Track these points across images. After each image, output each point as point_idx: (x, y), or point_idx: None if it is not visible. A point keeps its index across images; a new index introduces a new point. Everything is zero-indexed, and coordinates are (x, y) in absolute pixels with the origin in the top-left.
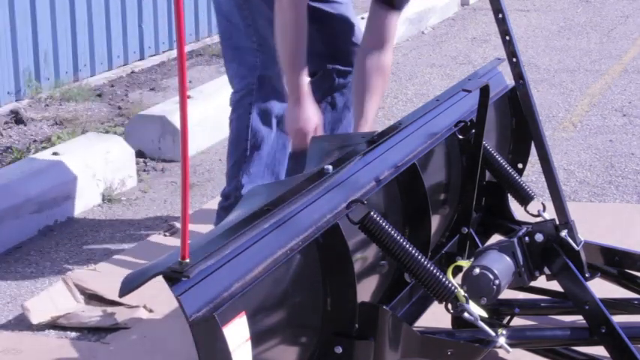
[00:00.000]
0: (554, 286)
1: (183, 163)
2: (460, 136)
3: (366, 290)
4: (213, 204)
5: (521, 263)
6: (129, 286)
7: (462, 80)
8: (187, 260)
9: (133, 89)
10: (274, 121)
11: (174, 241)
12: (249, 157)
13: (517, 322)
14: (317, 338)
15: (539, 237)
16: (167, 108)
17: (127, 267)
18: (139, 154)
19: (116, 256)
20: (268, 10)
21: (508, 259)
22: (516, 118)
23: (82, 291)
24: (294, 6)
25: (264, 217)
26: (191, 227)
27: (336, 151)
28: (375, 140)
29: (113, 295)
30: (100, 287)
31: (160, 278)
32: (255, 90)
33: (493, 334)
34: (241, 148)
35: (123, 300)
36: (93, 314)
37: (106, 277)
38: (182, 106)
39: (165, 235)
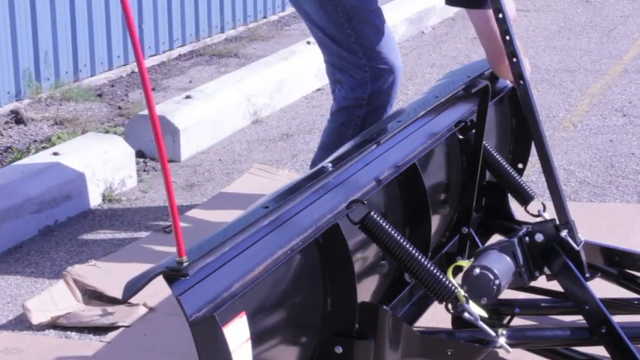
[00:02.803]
0: (554, 286)
1: (162, 161)
2: (460, 136)
3: (366, 290)
4: (212, 207)
5: (522, 263)
6: (131, 289)
7: (458, 70)
8: (184, 258)
9: (133, 89)
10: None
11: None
12: None
13: (517, 322)
14: (317, 338)
15: (539, 237)
16: (167, 108)
17: (127, 264)
18: (139, 154)
19: (116, 253)
20: (374, 23)
21: (508, 259)
22: (516, 118)
23: (82, 288)
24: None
25: (263, 217)
26: (191, 226)
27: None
28: (374, 140)
29: (113, 292)
30: (100, 284)
31: (160, 277)
32: (365, 104)
33: (493, 334)
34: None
35: None
36: (93, 313)
37: (106, 274)
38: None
39: (165, 232)
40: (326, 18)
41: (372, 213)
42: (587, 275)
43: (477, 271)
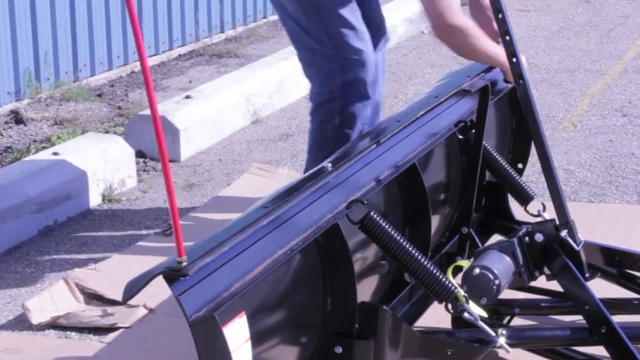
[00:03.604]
0: (554, 286)
1: (163, 161)
2: (460, 136)
3: (366, 290)
4: (212, 208)
5: (521, 263)
6: (131, 290)
7: (458, 71)
8: (184, 258)
9: (133, 89)
10: (359, 125)
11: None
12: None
13: (517, 322)
14: (317, 338)
15: (539, 237)
16: (167, 108)
17: (127, 266)
18: (139, 154)
19: (116, 256)
20: (342, 14)
21: (508, 259)
22: (516, 118)
23: (82, 290)
24: (466, 27)
25: (263, 217)
26: (191, 226)
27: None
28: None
29: (113, 294)
30: (100, 287)
31: (160, 278)
32: (338, 96)
33: (493, 334)
34: (325, 151)
35: None
36: (93, 314)
37: (105, 277)
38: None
39: (165, 234)
40: (300, 9)
41: (372, 213)
42: (587, 275)
43: (477, 271)
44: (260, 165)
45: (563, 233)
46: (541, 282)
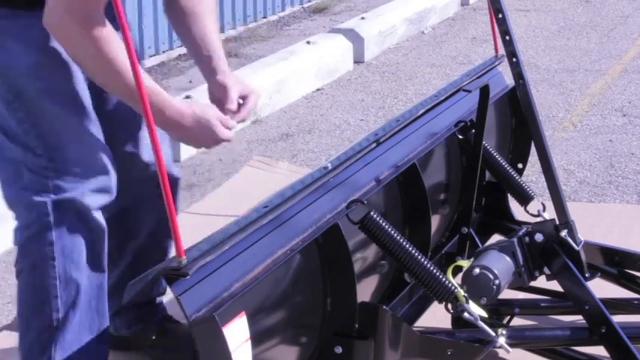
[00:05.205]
0: (554, 286)
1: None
2: (460, 136)
3: (366, 290)
4: (212, 201)
5: (521, 263)
6: (132, 290)
7: (460, 76)
8: (184, 258)
9: None
10: (84, 257)
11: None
12: (62, 321)
13: (517, 322)
14: (317, 338)
15: (539, 237)
16: None
17: None
18: None
19: None
20: (56, 102)
21: (508, 259)
22: (516, 118)
23: None
24: (96, 26)
25: (263, 217)
26: (190, 227)
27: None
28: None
29: None
30: None
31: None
32: (54, 222)
33: (493, 334)
34: (48, 310)
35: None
36: None
37: None
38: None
39: None
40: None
41: (372, 213)
42: (586, 275)
43: (477, 271)
44: (260, 158)
45: (563, 233)
46: (541, 282)
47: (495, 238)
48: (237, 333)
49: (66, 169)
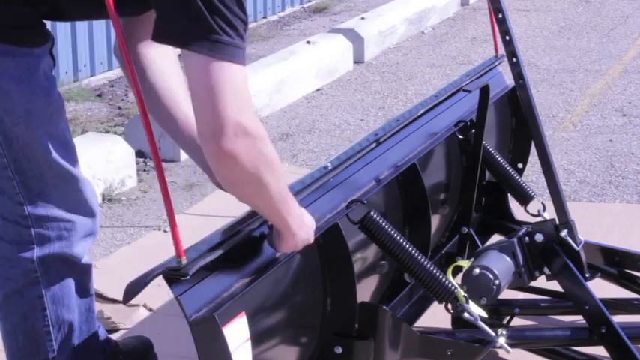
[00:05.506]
0: (554, 286)
1: (156, 161)
2: (460, 136)
3: (366, 290)
4: (212, 202)
5: (521, 263)
6: (132, 290)
7: (460, 76)
8: (183, 258)
9: None
10: (74, 297)
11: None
12: (57, 357)
13: (517, 322)
14: (317, 338)
15: (539, 237)
16: None
17: (127, 266)
18: (139, 154)
19: (116, 254)
20: (46, 149)
21: (508, 259)
22: (516, 118)
23: None
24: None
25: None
26: (190, 227)
27: None
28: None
29: (113, 293)
30: (101, 286)
31: (160, 278)
32: (41, 276)
33: (493, 334)
34: (44, 352)
35: None
36: None
37: (105, 275)
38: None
39: (165, 232)
40: None
41: (372, 213)
42: (586, 275)
43: (477, 271)
44: None
45: (563, 233)
46: (541, 282)
47: (495, 238)
48: (237, 333)
49: (49, 217)
